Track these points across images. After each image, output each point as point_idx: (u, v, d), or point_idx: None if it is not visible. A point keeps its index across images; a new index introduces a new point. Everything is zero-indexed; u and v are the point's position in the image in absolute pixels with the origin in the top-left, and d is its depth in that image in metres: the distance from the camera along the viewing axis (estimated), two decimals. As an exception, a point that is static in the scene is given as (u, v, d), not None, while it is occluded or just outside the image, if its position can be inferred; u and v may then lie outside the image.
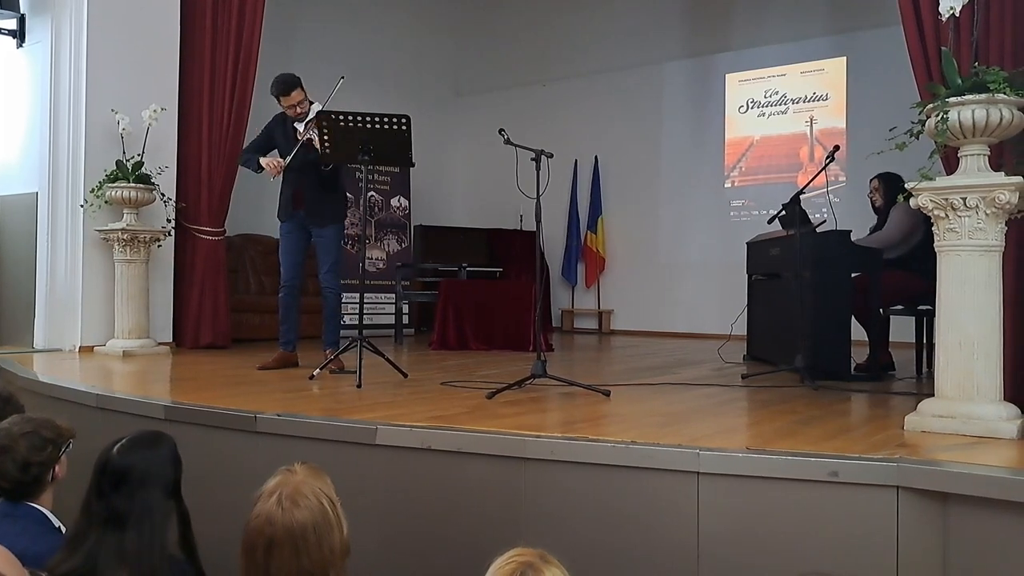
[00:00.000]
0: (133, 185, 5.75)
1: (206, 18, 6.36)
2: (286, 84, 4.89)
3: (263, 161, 4.95)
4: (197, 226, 6.37)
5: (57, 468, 2.32)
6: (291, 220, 5.04)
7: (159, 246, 6.06)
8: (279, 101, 4.95)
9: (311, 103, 4.94)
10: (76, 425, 2.50)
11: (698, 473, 2.47)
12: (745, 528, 2.41)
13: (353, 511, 1.78)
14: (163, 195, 6.02)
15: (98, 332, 5.90)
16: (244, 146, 5.40)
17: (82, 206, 5.84)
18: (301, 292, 5.16)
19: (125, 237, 5.75)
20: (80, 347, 5.86)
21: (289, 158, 4.86)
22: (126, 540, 1.91)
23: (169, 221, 6.16)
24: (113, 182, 5.76)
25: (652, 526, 2.51)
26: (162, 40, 6.25)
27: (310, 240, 5.04)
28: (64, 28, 6.01)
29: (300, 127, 4.89)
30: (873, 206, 5.20)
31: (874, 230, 5.13)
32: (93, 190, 5.81)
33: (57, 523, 2.25)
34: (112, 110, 5.76)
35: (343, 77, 4.75)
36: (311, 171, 4.90)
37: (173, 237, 6.27)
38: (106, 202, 5.78)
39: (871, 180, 5.19)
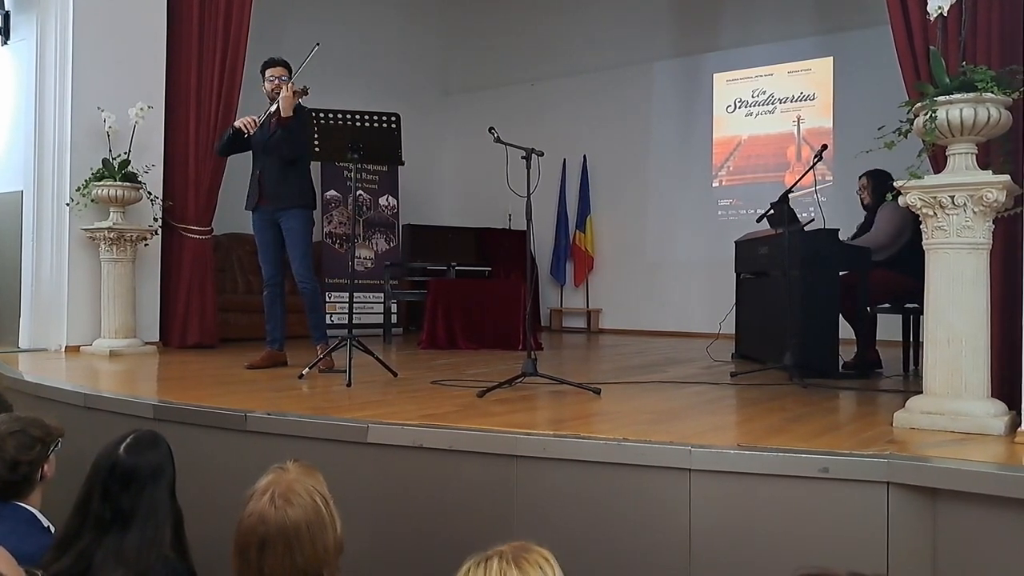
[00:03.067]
0: (119, 184, 5.71)
1: (193, 16, 6.32)
2: (270, 59, 4.96)
3: (237, 122, 4.93)
4: (184, 225, 6.33)
5: (46, 467, 2.31)
6: (260, 214, 4.98)
7: (146, 245, 6.02)
8: (263, 77, 4.95)
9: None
10: (63, 425, 2.48)
11: (690, 470, 2.48)
12: (737, 524, 2.42)
13: (345, 509, 1.77)
14: (150, 194, 5.99)
15: (84, 332, 5.86)
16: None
17: (68, 205, 5.80)
18: (284, 289, 5.10)
19: (111, 236, 5.71)
20: (66, 347, 5.81)
21: (262, 116, 4.86)
22: (127, 540, 1.90)
23: (156, 220, 6.12)
24: (99, 180, 5.72)
25: (644, 523, 2.51)
26: (149, 38, 6.21)
27: (281, 235, 4.96)
28: (49, 25, 5.96)
29: (274, 108, 4.82)
30: (862, 203, 5.22)
31: (861, 228, 5.16)
32: (79, 188, 5.77)
33: (46, 523, 2.24)
34: (98, 108, 5.72)
35: (318, 44, 4.72)
36: (273, 152, 4.87)
37: (160, 236, 6.23)
38: (92, 201, 5.74)
39: (860, 177, 5.20)
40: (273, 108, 4.78)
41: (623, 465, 2.56)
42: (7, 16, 6.29)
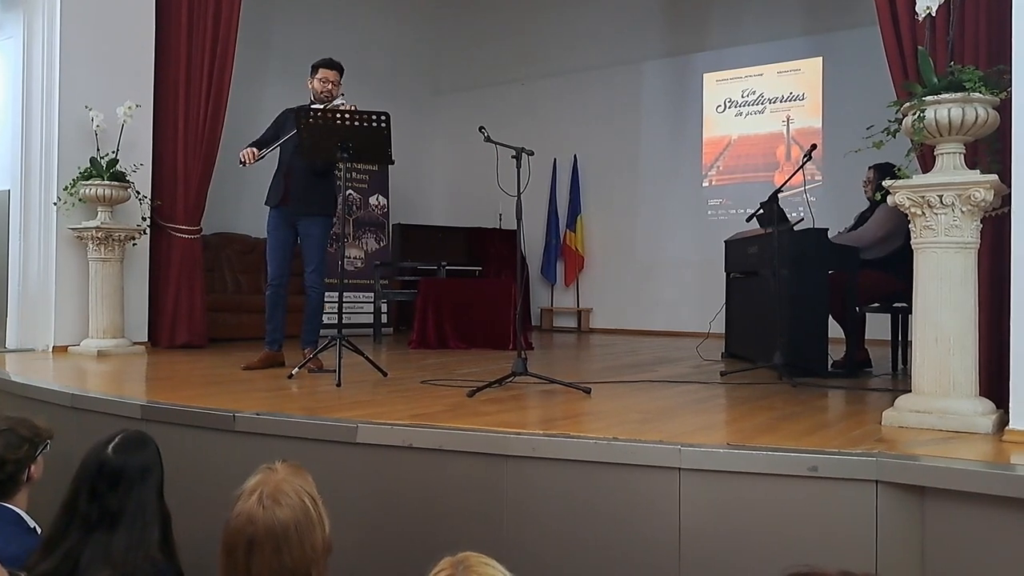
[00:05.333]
0: (107, 183, 5.67)
1: (181, 15, 6.29)
2: (332, 61, 4.91)
3: (241, 154, 4.83)
4: (173, 224, 6.30)
5: (32, 468, 2.29)
6: (278, 213, 4.93)
7: (134, 244, 5.99)
8: (314, 73, 4.88)
9: (342, 94, 4.86)
10: (50, 426, 2.47)
11: (679, 469, 2.48)
12: (726, 523, 2.42)
13: (334, 509, 1.77)
14: (138, 193, 5.95)
15: (72, 332, 5.82)
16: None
17: (55, 204, 5.76)
18: (287, 290, 5.07)
19: (99, 235, 5.67)
20: (53, 347, 5.77)
21: (267, 152, 4.81)
22: (115, 540, 1.89)
23: (144, 219, 6.08)
24: (87, 180, 5.68)
25: (634, 522, 2.51)
26: (137, 36, 6.17)
27: (296, 237, 4.95)
28: (36, 23, 5.92)
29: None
30: (866, 196, 5.21)
31: (858, 219, 5.16)
32: (67, 188, 5.73)
33: (32, 523, 2.22)
34: (86, 107, 5.68)
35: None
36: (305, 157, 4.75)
37: (148, 235, 6.20)
38: (80, 200, 5.70)
39: (868, 169, 5.08)
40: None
41: (613, 464, 2.56)
42: (-7, 14, 6.25)
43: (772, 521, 2.38)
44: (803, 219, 5.15)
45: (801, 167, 4.86)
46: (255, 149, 4.84)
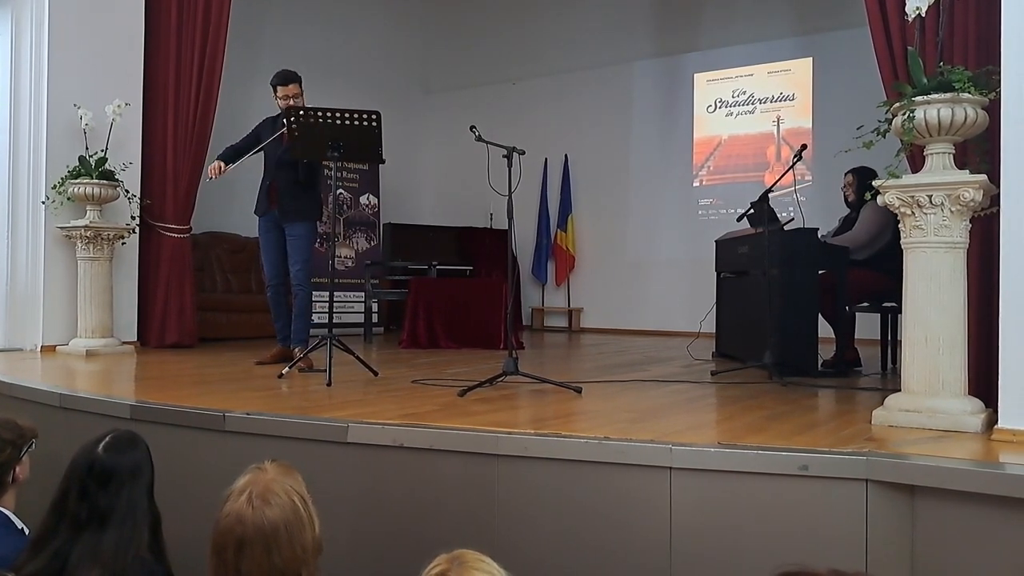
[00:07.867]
0: (96, 181, 5.64)
1: (171, 13, 6.25)
2: (286, 76, 4.94)
3: (210, 169, 4.99)
4: (162, 223, 6.26)
5: (18, 469, 2.27)
6: (266, 218, 5.09)
7: (123, 244, 5.95)
8: (275, 92, 4.94)
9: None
10: (38, 426, 2.45)
11: (670, 468, 2.48)
12: (717, 522, 2.43)
13: (324, 509, 1.76)
14: (127, 192, 5.91)
15: (60, 331, 5.78)
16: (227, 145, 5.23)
17: (44, 203, 5.72)
18: (287, 288, 5.18)
19: (88, 234, 5.64)
20: (42, 346, 5.73)
21: (235, 165, 4.94)
22: (104, 540, 1.88)
23: (133, 218, 6.04)
24: (76, 178, 5.64)
25: (625, 521, 2.51)
26: (126, 34, 6.14)
27: (284, 237, 5.05)
28: (24, 21, 5.87)
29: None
30: (846, 200, 5.28)
31: (843, 223, 5.20)
32: (55, 186, 5.69)
33: (20, 524, 2.20)
34: (75, 105, 5.64)
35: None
36: (289, 169, 4.93)
37: (138, 235, 6.16)
38: (68, 199, 5.66)
39: (845, 174, 5.24)
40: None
41: (604, 464, 2.56)
42: (-19, 11, 6.20)
43: (763, 520, 2.39)
44: (793, 219, 5.17)
45: (791, 167, 4.88)
46: (222, 163, 4.95)
